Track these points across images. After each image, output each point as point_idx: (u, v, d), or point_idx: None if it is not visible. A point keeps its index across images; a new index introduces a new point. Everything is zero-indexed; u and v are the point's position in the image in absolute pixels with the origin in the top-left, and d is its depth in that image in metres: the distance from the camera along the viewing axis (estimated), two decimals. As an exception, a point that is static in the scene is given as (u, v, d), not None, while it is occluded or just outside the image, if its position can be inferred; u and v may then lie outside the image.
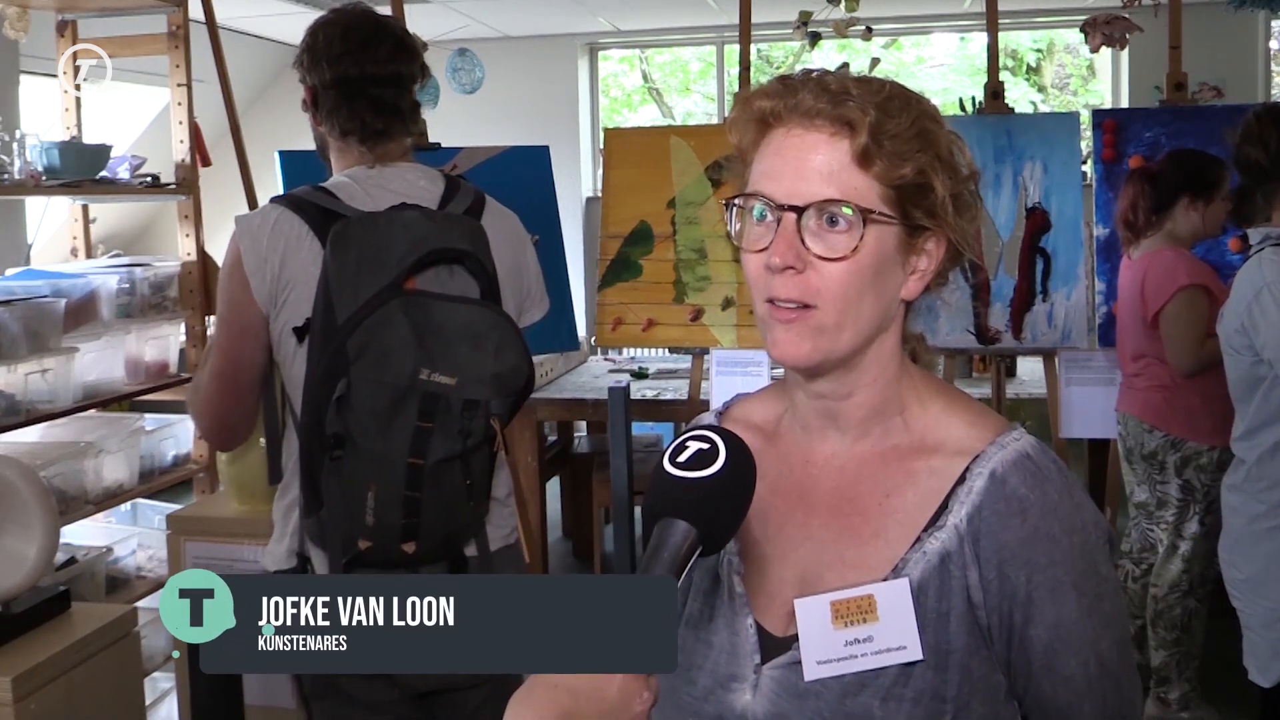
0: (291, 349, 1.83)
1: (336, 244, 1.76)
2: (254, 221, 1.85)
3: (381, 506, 1.73)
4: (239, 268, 1.83)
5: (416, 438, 1.72)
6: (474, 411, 1.75)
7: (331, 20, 1.94)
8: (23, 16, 3.27)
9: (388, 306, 1.73)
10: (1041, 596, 0.98)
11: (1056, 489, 1.01)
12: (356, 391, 1.71)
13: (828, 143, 0.98)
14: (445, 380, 1.73)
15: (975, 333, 3.63)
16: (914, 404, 1.06)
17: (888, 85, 1.01)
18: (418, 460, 1.73)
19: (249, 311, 1.83)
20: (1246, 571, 2.54)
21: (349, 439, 1.72)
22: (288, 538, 1.89)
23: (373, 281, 1.74)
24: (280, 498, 1.93)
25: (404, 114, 1.94)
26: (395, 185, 1.89)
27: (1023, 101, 8.11)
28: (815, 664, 0.99)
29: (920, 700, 0.96)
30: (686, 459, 0.92)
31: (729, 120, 1.05)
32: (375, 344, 1.71)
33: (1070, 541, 0.99)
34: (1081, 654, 0.99)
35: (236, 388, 1.87)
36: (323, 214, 1.82)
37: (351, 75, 1.89)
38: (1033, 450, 1.02)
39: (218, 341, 1.88)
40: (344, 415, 1.71)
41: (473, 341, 1.76)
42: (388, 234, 1.77)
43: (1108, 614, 1.02)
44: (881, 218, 0.98)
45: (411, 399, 1.72)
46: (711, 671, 1.04)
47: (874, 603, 0.99)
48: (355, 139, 1.92)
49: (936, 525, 1.00)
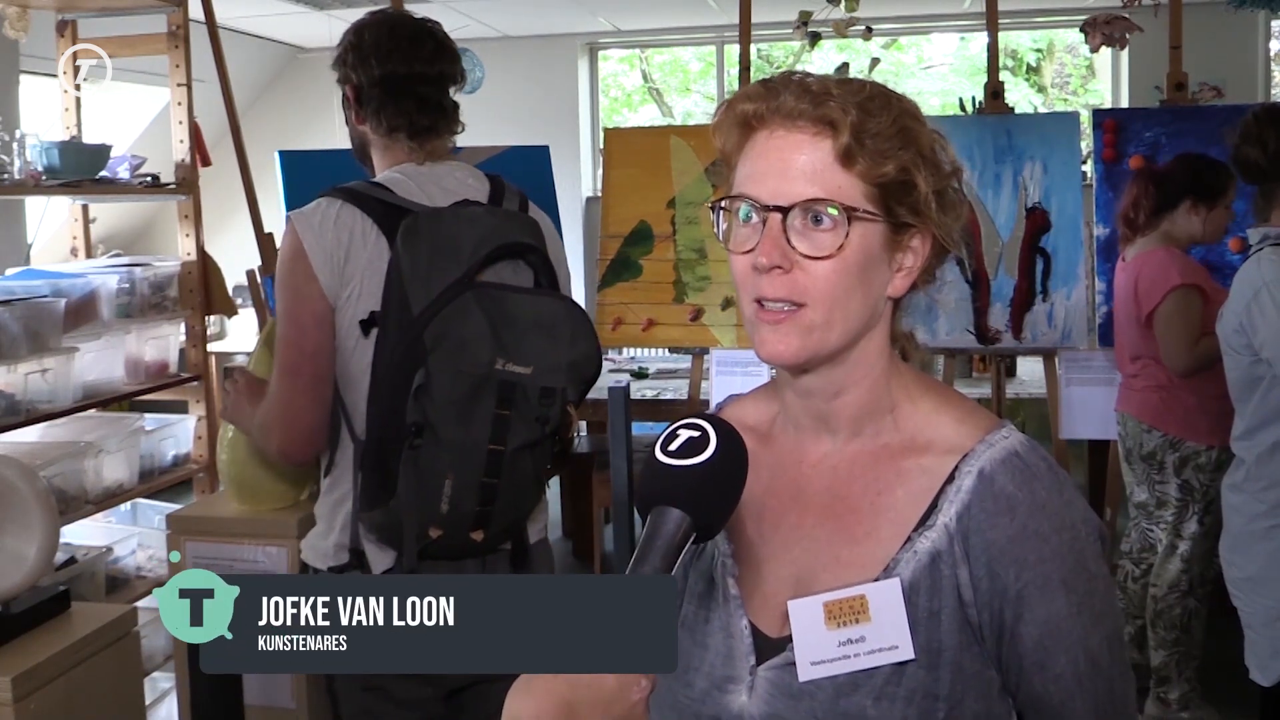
0: (353, 342, 1.85)
1: (407, 238, 1.80)
2: (314, 216, 1.86)
3: (458, 494, 1.78)
4: (302, 261, 1.84)
5: (496, 425, 1.78)
6: (551, 399, 1.82)
7: (375, 21, 1.98)
8: (23, 16, 3.27)
9: (462, 298, 1.78)
10: (1031, 594, 0.98)
11: (1045, 486, 1.01)
12: (435, 381, 1.75)
13: (810, 143, 0.99)
14: (520, 370, 1.79)
15: (975, 333, 3.63)
16: (904, 402, 1.07)
17: (868, 85, 1.02)
18: (498, 447, 1.79)
19: (319, 304, 1.85)
20: (1247, 570, 2.54)
21: (429, 428, 1.75)
22: (336, 532, 1.90)
23: (445, 274, 1.79)
24: (328, 493, 1.93)
25: (447, 112, 1.99)
26: (447, 182, 1.94)
27: (1023, 101, 8.11)
28: (809, 665, 1.00)
29: (913, 699, 0.97)
30: (678, 447, 0.93)
31: (714, 124, 1.06)
32: (452, 334, 1.76)
33: (1059, 539, 1.00)
34: (1071, 651, 0.99)
35: (314, 382, 1.86)
36: (385, 208, 1.85)
37: (399, 73, 1.93)
38: (1021, 448, 1.02)
39: (286, 339, 1.87)
40: (423, 404, 1.75)
41: (548, 331, 1.83)
42: (455, 229, 1.82)
43: (1098, 611, 1.02)
44: (866, 215, 0.99)
45: (489, 388, 1.78)
46: (708, 674, 1.05)
47: (866, 603, 1.00)
48: (403, 135, 1.95)
49: (927, 524, 1.01)
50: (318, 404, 1.87)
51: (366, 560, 1.87)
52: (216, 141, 3.82)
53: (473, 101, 2.14)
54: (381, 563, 1.86)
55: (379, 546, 1.86)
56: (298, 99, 7.31)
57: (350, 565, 1.88)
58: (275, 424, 1.89)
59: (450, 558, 1.85)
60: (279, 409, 1.88)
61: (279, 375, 1.88)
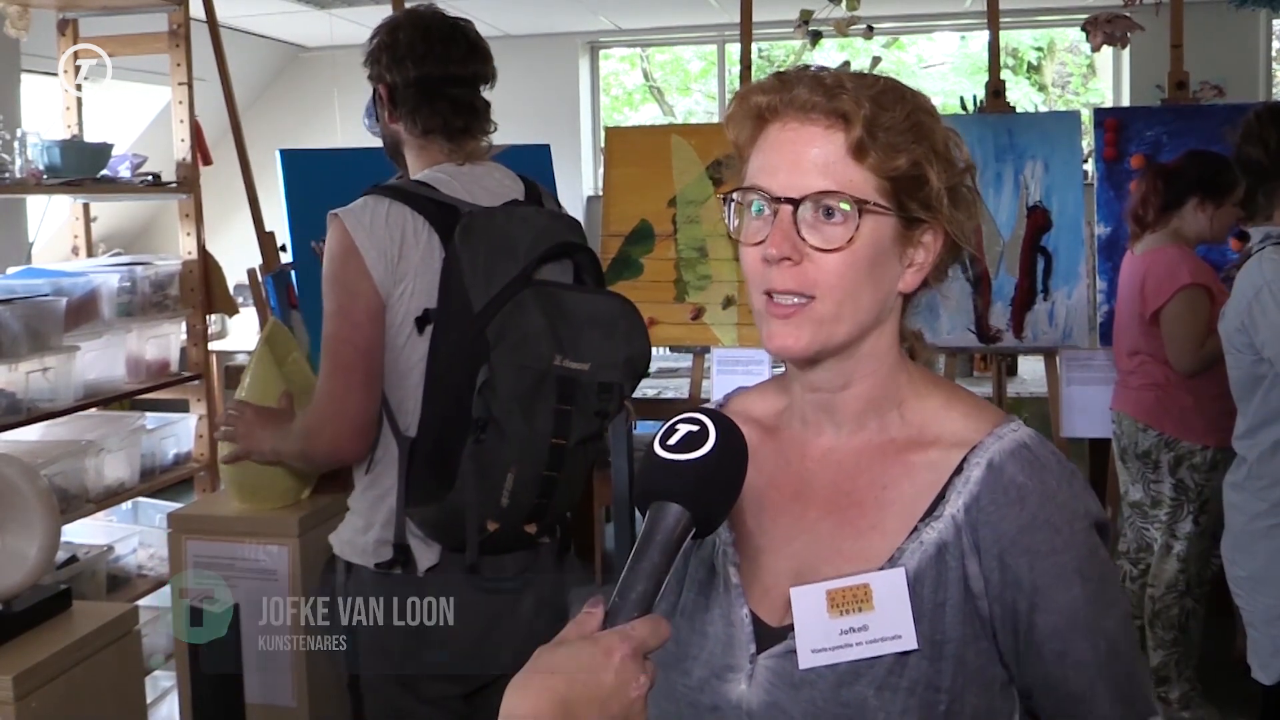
0: (403, 339, 1.87)
1: (465, 236, 1.83)
2: (364, 214, 1.87)
3: (519, 487, 1.82)
4: (355, 258, 1.84)
5: (559, 419, 1.83)
6: (610, 393, 1.87)
7: (409, 21, 1.99)
8: (24, 15, 3.27)
9: (521, 296, 1.82)
10: (1047, 584, 0.98)
11: (1055, 477, 1.01)
12: (499, 376, 1.79)
13: (823, 135, 0.99)
14: (577, 366, 1.84)
15: (976, 331, 3.63)
16: (911, 398, 1.07)
17: (882, 80, 1.02)
18: (560, 440, 1.83)
19: (374, 300, 1.85)
20: (1248, 569, 2.54)
21: (493, 422, 1.79)
22: (377, 528, 1.91)
23: (503, 272, 1.83)
24: (367, 489, 1.94)
25: (480, 113, 2.02)
26: (487, 182, 1.97)
27: (1024, 100, 8.10)
28: (810, 652, 0.99)
29: (915, 690, 0.97)
30: (676, 442, 0.92)
31: (726, 116, 1.06)
32: (512, 331, 1.80)
33: (1071, 529, 1.00)
34: (1092, 637, 1.00)
35: (367, 378, 1.86)
36: (435, 206, 1.87)
37: (434, 75, 1.95)
38: (1030, 440, 1.03)
39: (340, 336, 1.86)
40: (487, 399, 1.78)
41: (605, 328, 1.87)
42: (509, 228, 1.87)
43: (1111, 597, 1.02)
44: (877, 209, 0.99)
45: (549, 383, 1.82)
46: (707, 662, 1.04)
47: (870, 592, 0.99)
48: (439, 136, 1.97)
49: (933, 516, 1.01)
50: (371, 399, 1.88)
51: (412, 556, 1.89)
52: (217, 140, 3.82)
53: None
54: (427, 559, 1.89)
55: (425, 542, 1.88)
56: (299, 98, 7.31)
57: (395, 561, 1.89)
58: (327, 422, 1.89)
59: (502, 551, 1.89)
60: (332, 406, 1.88)
61: (332, 372, 1.88)
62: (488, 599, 1.91)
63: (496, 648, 1.93)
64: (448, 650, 1.91)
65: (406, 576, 1.89)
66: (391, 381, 1.90)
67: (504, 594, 1.93)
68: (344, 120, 6.14)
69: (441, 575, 1.89)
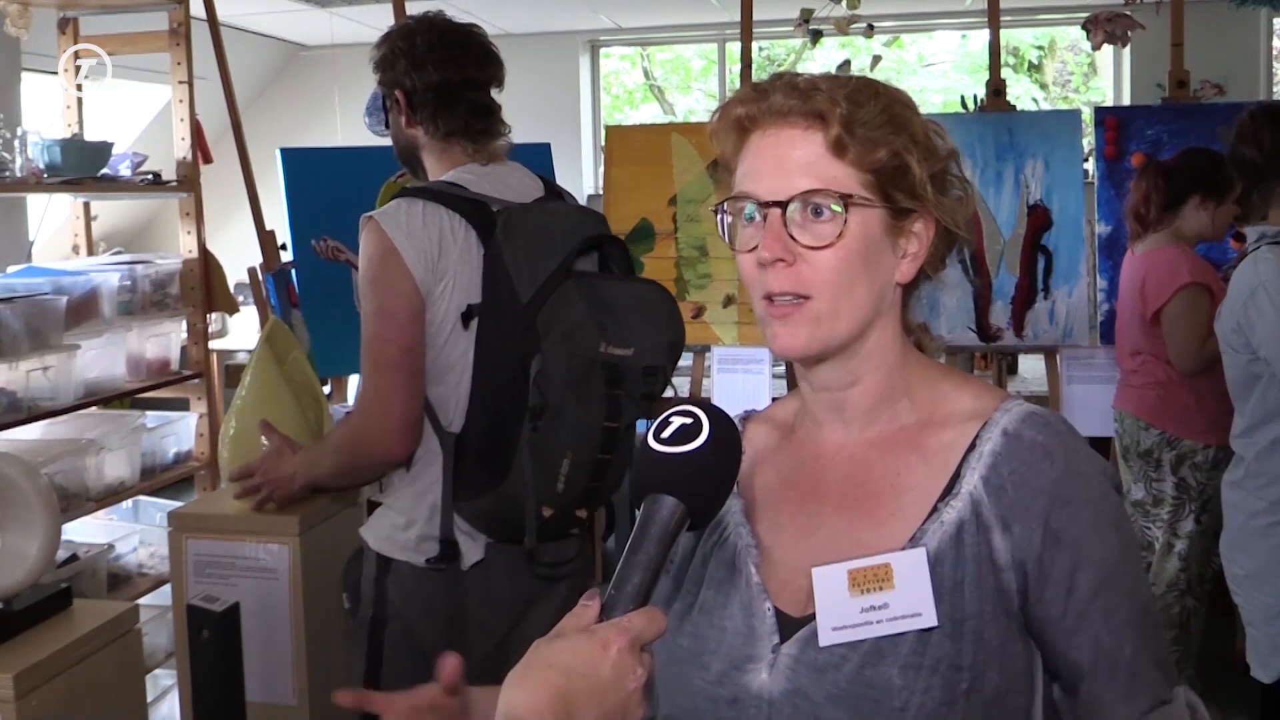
0: (445, 336, 1.91)
1: (508, 231, 1.89)
2: (400, 216, 1.90)
3: (575, 471, 1.89)
4: (395, 258, 1.88)
5: (610, 404, 1.90)
6: (655, 377, 1.94)
7: (424, 27, 2.03)
8: (24, 14, 3.27)
9: (564, 287, 1.89)
10: (1088, 536, 0.99)
11: (1070, 436, 1.04)
12: (551, 365, 1.85)
13: (802, 137, 1.01)
14: (622, 352, 1.91)
15: (977, 330, 3.63)
16: (920, 385, 1.09)
17: (855, 78, 1.04)
18: (613, 424, 1.90)
19: (415, 298, 1.89)
20: (1247, 567, 2.55)
21: (548, 410, 1.85)
22: (420, 524, 1.94)
23: (545, 265, 1.89)
24: (408, 484, 1.97)
25: (496, 114, 2.08)
26: (510, 181, 2.04)
27: (1024, 99, 8.10)
28: (831, 630, 0.99)
29: (937, 669, 0.96)
30: (670, 434, 0.92)
31: (710, 131, 1.09)
32: (559, 321, 1.86)
33: (1100, 481, 1.02)
34: (1131, 594, 1.01)
35: (412, 375, 1.90)
36: (469, 204, 1.92)
37: (454, 79, 2.00)
38: (1038, 409, 1.05)
39: (384, 336, 1.89)
40: (542, 388, 1.84)
41: (647, 315, 1.94)
42: (545, 222, 1.94)
43: (1138, 555, 1.05)
44: (862, 201, 1.01)
45: (596, 369, 1.88)
46: (726, 655, 1.04)
47: (891, 571, 1.00)
48: (462, 138, 2.03)
49: (952, 494, 1.02)
50: (416, 397, 1.91)
51: (460, 551, 1.93)
52: (218, 139, 3.82)
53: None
54: (474, 553, 1.93)
55: (472, 537, 1.93)
56: (299, 96, 7.31)
57: (444, 556, 1.92)
58: (375, 423, 1.91)
59: (554, 537, 1.96)
60: (380, 405, 1.90)
61: (376, 373, 1.90)
62: (532, 588, 1.96)
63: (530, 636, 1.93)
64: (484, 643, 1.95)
65: (451, 572, 1.93)
66: (432, 378, 1.93)
67: (546, 581, 1.98)
68: (344, 119, 6.14)
69: (486, 569, 1.93)
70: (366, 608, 1.98)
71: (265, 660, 2.24)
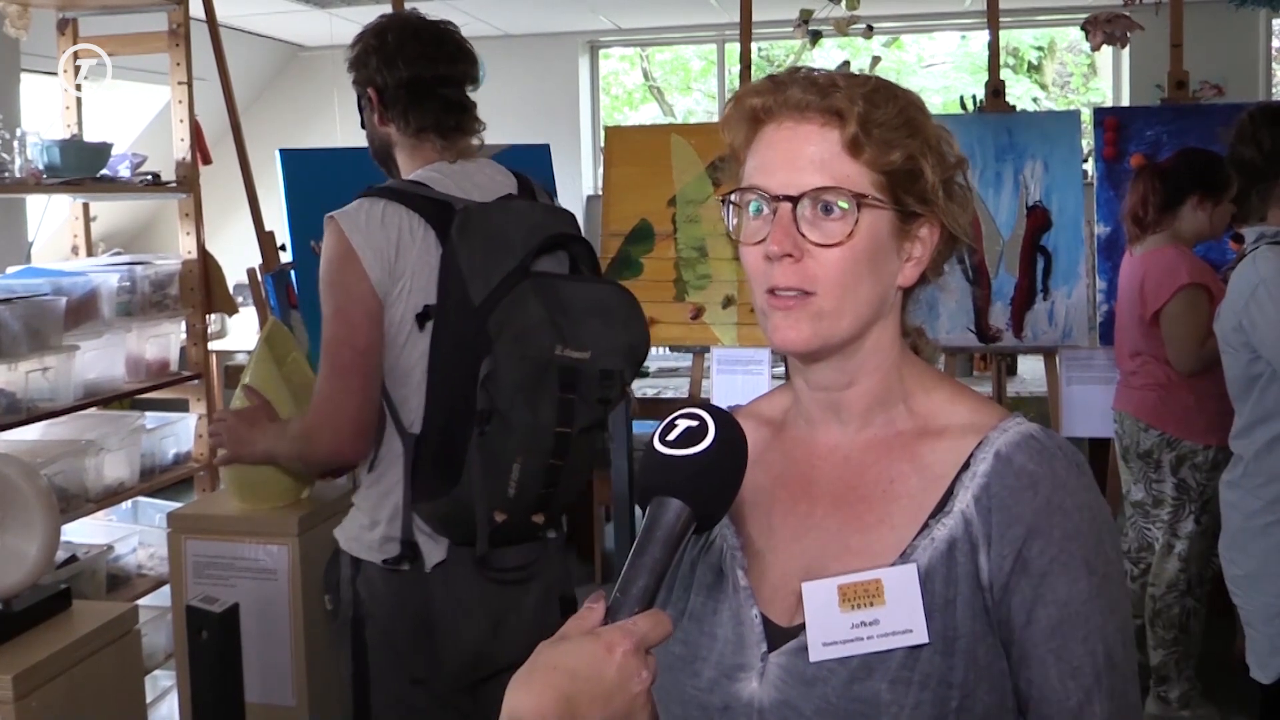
0: (404, 337, 1.89)
1: (462, 232, 1.85)
2: (359, 216, 1.88)
3: (526, 477, 1.85)
4: (352, 260, 1.86)
5: (562, 408, 1.86)
6: (611, 380, 1.89)
7: (396, 25, 2.01)
8: (24, 14, 3.27)
9: (520, 288, 1.84)
10: (1054, 571, 0.97)
11: (1063, 466, 1.01)
12: (502, 368, 1.81)
13: (818, 133, 1.00)
14: (578, 355, 1.86)
15: (976, 331, 3.63)
16: (918, 391, 1.08)
17: (873, 79, 1.04)
18: (565, 429, 1.86)
19: (372, 302, 1.87)
20: (1245, 568, 2.54)
21: (497, 414, 1.82)
22: (383, 525, 1.93)
23: (501, 266, 1.85)
24: (371, 485, 1.96)
25: (470, 111, 2.04)
26: (479, 179, 2.00)
27: (1024, 99, 8.11)
28: (821, 645, 0.99)
29: (927, 684, 0.96)
30: (676, 437, 0.92)
31: (722, 119, 1.08)
32: (513, 323, 1.83)
33: (1081, 517, 0.99)
34: (1090, 641, 0.98)
35: (367, 379, 1.88)
36: (430, 204, 1.89)
37: (425, 76, 1.97)
38: (1037, 432, 1.03)
39: (339, 338, 1.88)
40: (490, 391, 1.81)
41: (603, 316, 1.90)
42: (504, 222, 1.89)
43: (1114, 600, 1.00)
44: (874, 203, 1.00)
45: (551, 373, 1.85)
46: (716, 663, 1.04)
47: (881, 587, 0.99)
48: (433, 135, 2.00)
49: (944, 511, 1.01)
50: (370, 400, 1.89)
51: (420, 552, 1.91)
52: (217, 140, 3.82)
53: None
54: (435, 554, 1.91)
55: (433, 538, 1.90)
56: (299, 97, 7.31)
57: (403, 557, 1.91)
58: (326, 424, 1.89)
59: (512, 542, 1.92)
60: (331, 407, 1.88)
61: (331, 375, 1.88)
62: (497, 591, 1.94)
63: (503, 641, 1.95)
64: (455, 644, 1.93)
65: (414, 572, 1.91)
66: (394, 379, 1.91)
67: (511, 586, 1.96)
68: (344, 120, 6.11)
69: (449, 570, 1.91)
70: (346, 608, 1.97)
71: (264, 661, 2.24)
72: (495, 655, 1.94)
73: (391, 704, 1.95)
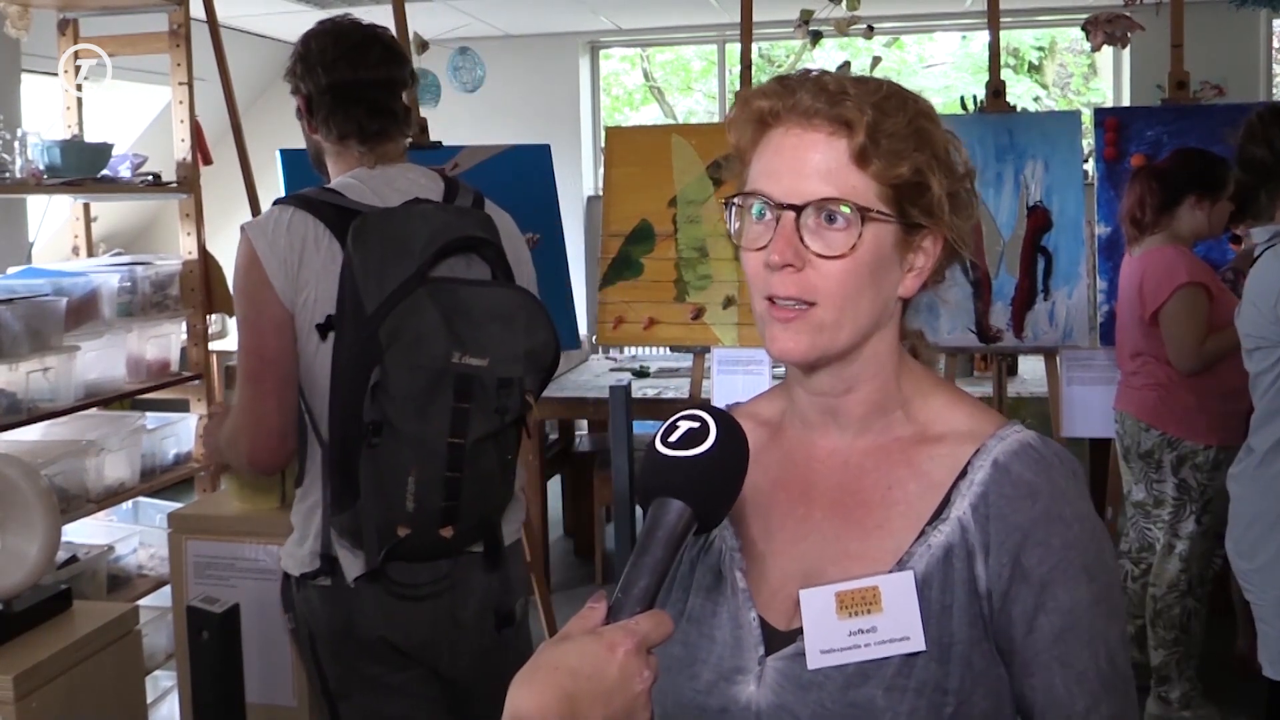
0: (314, 347, 1.85)
1: (358, 238, 1.80)
2: (266, 224, 1.86)
3: (422, 490, 1.78)
4: (256, 268, 1.84)
5: (455, 418, 1.78)
6: (509, 389, 1.81)
7: (322, 30, 1.99)
8: (24, 15, 3.27)
9: (415, 294, 1.78)
10: (1056, 580, 0.98)
11: (1061, 475, 1.02)
12: (392, 378, 1.75)
13: (826, 142, 0.99)
14: (477, 362, 1.79)
15: (976, 331, 3.63)
16: (916, 397, 1.08)
17: (885, 85, 1.02)
18: (458, 439, 1.78)
19: (275, 309, 1.84)
20: (1257, 561, 2.52)
21: (387, 425, 1.76)
22: (310, 539, 1.90)
23: (398, 272, 1.79)
24: (300, 500, 1.94)
25: (398, 116, 2.00)
26: (399, 183, 1.95)
27: (1025, 100, 8.11)
28: (819, 653, 0.99)
29: (923, 691, 0.96)
30: (678, 438, 0.92)
31: (728, 120, 1.06)
32: (406, 331, 1.77)
33: (1080, 526, 1.00)
34: (1094, 645, 0.99)
35: (277, 387, 1.85)
36: (337, 212, 1.86)
37: (346, 80, 1.94)
38: (1034, 441, 1.03)
39: (246, 347, 1.86)
40: (381, 402, 1.76)
41: (503, 322, 1.83)
42: (407, 226, 1.83)
43: (1114, 606, 1.01)
44: (879, 216, 0.99)
45: (446, 381, 1.77)
46: (715, 666, 1.04)
47: (879, 594, 0.99)
48: (355, 141, 1.96)
49: (940, 518, 1.01)
50: (282, 410, 1.86)
51: (340, 565, 1.86)
52: (218, 140, 3.82)
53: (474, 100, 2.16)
54: (355, 568, 1.85)
55: (351, 551, 1.85)
56: (299, 98, 7.31)
57: (322, 571, 1.88)
58: (242, 432, 1.88)
59: (422, 558, 1.86)
60: (245, 417, 1.87)
61: (242, 383, 1.87)
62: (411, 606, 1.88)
63: (437, 649, 1.92)
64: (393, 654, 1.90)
65: (336, 585, 1.87)
66: (308, 390, 1.89)
67: (424, 600, 1.89)
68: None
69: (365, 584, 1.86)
70: (301, 624, 1.94)
71: (265, 661, 2.24)
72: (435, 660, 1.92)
73: (360, 712, 1.93)
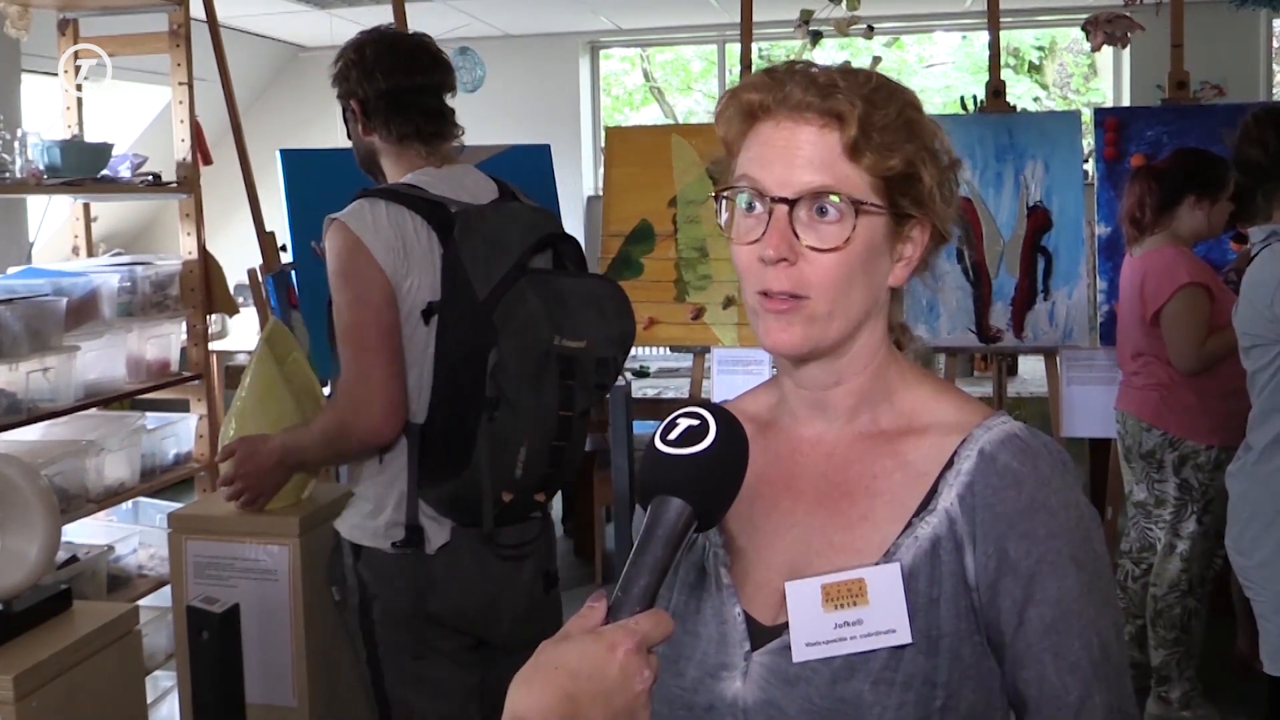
0: (411, 329, 1.98)
1: (464, 232, 1.97)
2: (364, 215, 1.97)
3: (532, 458, 1.98)
4: (361, 251, 1.95)
5: (563, 393, 1.99)
6: (606, 367, 2.04)
7: (373, 39, 2.14)
8: (24, 15, 3.27)
9: (519, 284, 1.96)
10: (1043, 571, 0.97)
11: (1048, 464, 1.01)
12: (507, 359, 1.93)
13: (817, 135, 0.99)
14: (575, 344, 1.99)
15: (977, 331, 3.63)
16: (901, 388, 1.07)
17: (873, 76, 1.02)
18: (567, 412, 2.00)
19: (388, 286, 1.96)
20: (1257, 558, 2.52)
21: (504, 401, 1.94)
22: (389, 511, 2.02)
23: (501, 264, 1.97)
24: (378, 474, 2.04)
25: (448, 118, 2.16)
26: (466, 183, 2.10)
27: (1025, 100, 8.11)
28: (804, 646, 0.99)
29: (911, 685, 0.96)
30: (677, 436, 0.92)
31: (717, 113, 1.06)
32: (515, 317, 1.95)
33: (1067, 515, 0.99)
34: (1085, 635, 0.98)
35: (393, 357, 1.97)
36: (429, 206, 2.00)
37: (403, 85, 2.09)
38: (1021, 431, 1.03)
39: (360, 322, 1.96)
40: (498, 380, 1.93)
41: (597, 308, 2.03)
42: (500, 223, 2.02)
43: (1105, 595, 1.01)
44: (872, 208, 0.99)
45: (551, 362, 1.97)
46: (700, 663, 1.04)
47: (865, 586, 0.99)
48: (415, 142, 2.11)
49: (927, 510, 1.00)
50: (399, 377, 1.98)
51: (425, 535, 2.01)
52: (218, 140, 3.82)
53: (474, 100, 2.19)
54: (439, 537, 2.01)
55: (437, 520, 2.01)
56: (299, 98, 7.31)
57: (409, 541, 2.00)
58: (362, 406, 1.97)
59: (514, 521, 2.05)
60: (364, 388, 1.96)
61: (356, 357, 1.97)
62: (497, 568, 2.05)
63: (500, 612, 2.07)
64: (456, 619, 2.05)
65: (419, 555, 2.01)
66: None
67: (509, 562, 2.07)
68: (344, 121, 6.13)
69: (452, 550, 2.01)
70: (352, 594, 2.06)
71: (265, 661, 2.24)
72: (492, 627, 2.08)
73: (405, 680, 2.05)
